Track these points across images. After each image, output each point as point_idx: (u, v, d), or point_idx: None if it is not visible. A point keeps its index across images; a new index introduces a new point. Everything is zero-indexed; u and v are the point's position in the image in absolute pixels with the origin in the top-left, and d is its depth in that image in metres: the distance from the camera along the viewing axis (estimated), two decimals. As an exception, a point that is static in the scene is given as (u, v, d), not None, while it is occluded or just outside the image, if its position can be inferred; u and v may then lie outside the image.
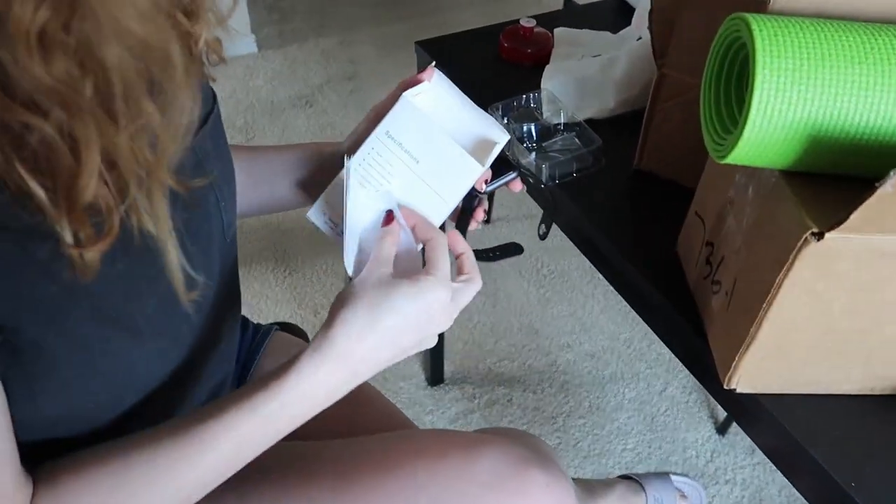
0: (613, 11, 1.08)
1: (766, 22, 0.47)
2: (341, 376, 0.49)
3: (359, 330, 0.48)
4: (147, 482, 0.46)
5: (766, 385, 0.57)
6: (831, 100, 0.45)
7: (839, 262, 0.47)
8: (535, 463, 0.63)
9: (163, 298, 0.47)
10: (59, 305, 0.41)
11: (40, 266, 0.40)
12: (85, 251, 0.39)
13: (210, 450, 0.47)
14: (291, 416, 0.49)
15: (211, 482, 0.48)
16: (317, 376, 0.48)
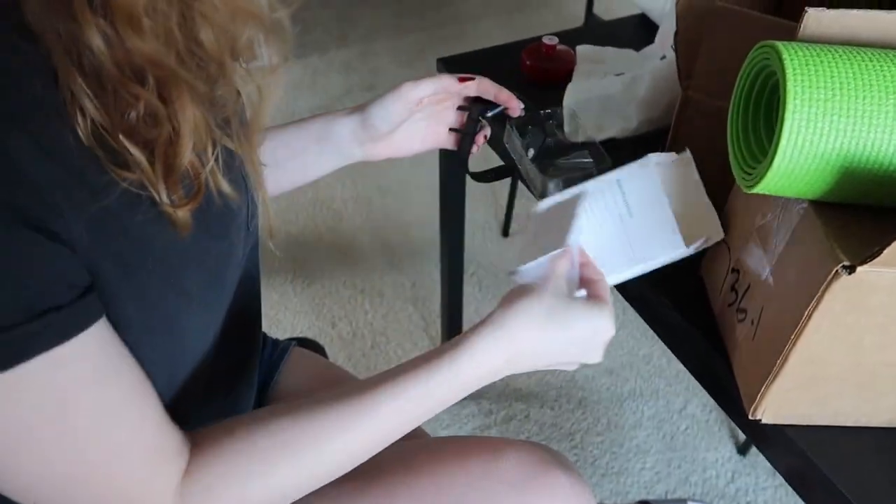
0: (636, 28, 1.07)
1: (797, 50, 0.46)
2: (503, 360, 0.50)
3: (534, 325, 0.50)
4: (316, 440, 0.46)
5: (791, 416, 0.56)
6: (864, 131, 0.44)
7: (871, 296, 0.46)
8: (558, 465, 0.63)
9: (212, 269, 0.50)
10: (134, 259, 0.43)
11: (135, 224, 0.42)
12: (178, 210, 0.42)
13: (380, 415, 0.48)
14: (457, 388, 0.50)
15: (373, 448, 0.49)
16: (488, 352, 0.50)
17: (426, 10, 2.71)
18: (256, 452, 0.46)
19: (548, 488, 0.61)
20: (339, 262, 1.66)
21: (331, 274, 1.64)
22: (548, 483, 0.61)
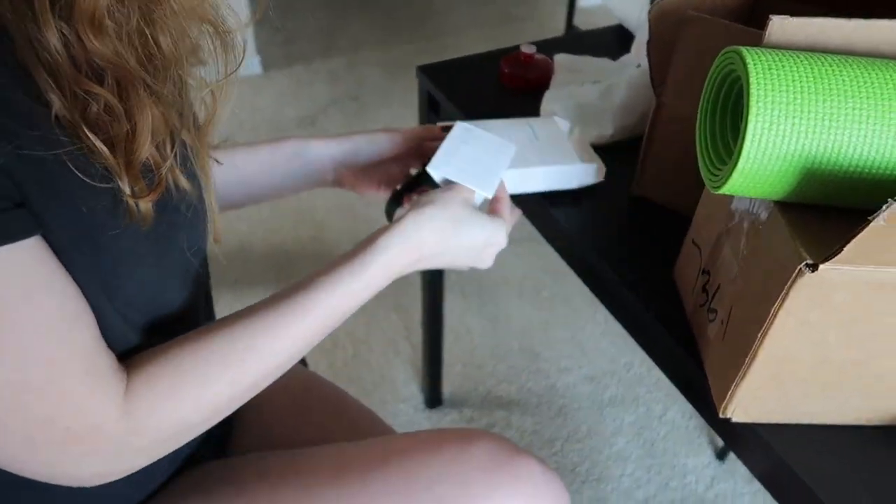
0: (614, 38, 1.09)
1: (761, 55, 0.47)
2: (409, 260, 0.58)
3: (437, 230, 0.59)
4: (244, 349, 0.50)
5: (761, 415, 0.57)
6: (825, 133, 0.46)
7: (834, 294, 0.47)
8: (528, 453, 0.65)
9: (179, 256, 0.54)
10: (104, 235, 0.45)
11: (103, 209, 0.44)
12: (140, 201, 0.45)
13: (300, 321, 0.53)
14: (371, 287, 0.57)
15: (300, 351, 0.54)
16: (395, 255, 0.57)
17: (411, 22, 2.73)
18: (197, 364, 0.49)
19: (518, 472, 0.62)
20: (321, 270, 1.66)
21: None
22: (519, 467, 0.62)
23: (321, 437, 0.73)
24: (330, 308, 0.54)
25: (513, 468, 0.62)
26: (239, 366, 0.50)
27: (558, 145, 0.80)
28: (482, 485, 0.61)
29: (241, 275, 1.66)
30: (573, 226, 0.77)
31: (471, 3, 2.86)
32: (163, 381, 0.47)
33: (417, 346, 1.50)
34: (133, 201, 0.45)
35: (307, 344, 0.54)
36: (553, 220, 0.78)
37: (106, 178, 0.43)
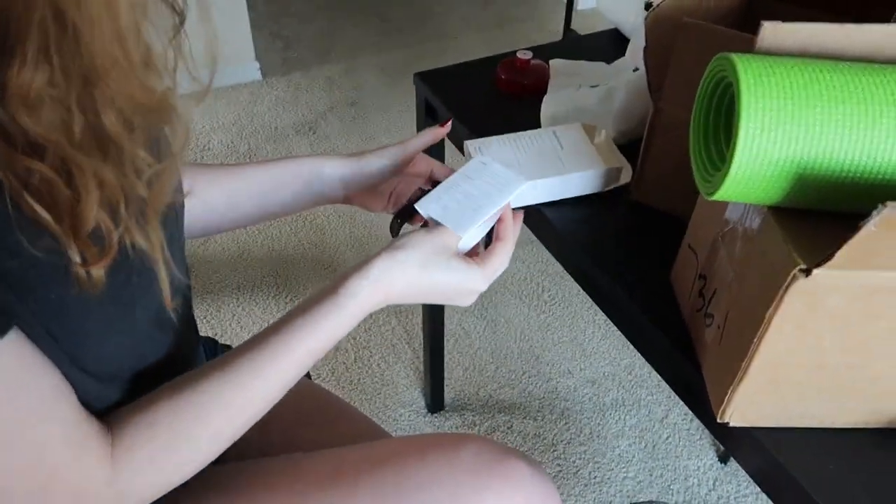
0: (609, 42, 1.09)
1: (751, 62, 0.48)
2: (376, 301, 0.58)
3: (406, 275, 0.59)
4: (221, 406, 0.52)
5: (759, 419, 0.57)
6: (816, 138, 0.46)
7: (828, 298, 0.48)
8: (517, 454, 0.65)
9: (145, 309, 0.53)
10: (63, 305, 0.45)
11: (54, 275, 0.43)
12: (91, 268, 0.44)
13: (274, 372, 0.53)
14: (342, 328, 0.57)
15: (277, 397, 0.55)
16: (364, 298, 0.57)
17: (409, 27, 2.74)
18: (173, 428, 0.50)
19: (507, 474, 0.62)
20: (322, 276, 1.67)
21: (314, 289, 1.64)
22: (507, 469, 0.63)
23: (317, 445, 0.73)
24: (300, 355, 0.54)
25: (501, 471, 0.62)
26: (216, 423, 0.51)
27: (583, 152, 0.81)
28: (471, 488, 0.61)
29: (242, 280, 1.67)
30: (571, 230, 0.77)
31: (468, 6, 2.87)
32: (142, 450, 0.49)
33: (418, 350, 1.50)
34: (83, 270, 0.44)
35: (283, 389, 0.55)
36: (550, 224, 0.79)
37: (53, 248, 0.42)
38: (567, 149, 0.81)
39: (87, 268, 0.44)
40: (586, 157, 0.80)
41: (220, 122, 2.16)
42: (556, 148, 0.81)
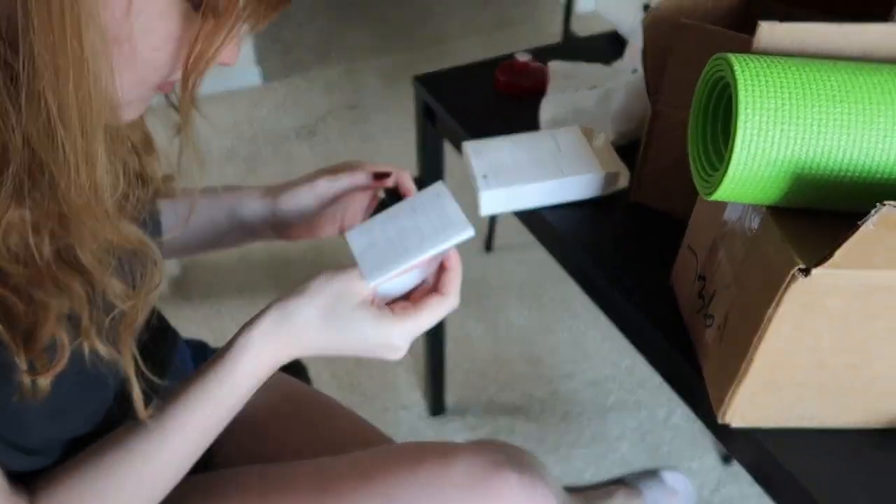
0: (606, 44, 1.09)
1: (749, 62, 0.48)
2: (282, 355, 0.54)
3: (308, 325, 0.53)
4: (126, 473, 0.51)
5: (760, 419, 0.57)
6: (814, 138, 0.46)
7: (827, 298, 0.48)
8: (508, 466, 0.64)
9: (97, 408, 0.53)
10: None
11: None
12: (38, 377, 0.43)
13: (176, 436, 0.52)
14: (242, 388, 0.53)
15: (186, 462, 0.54)
16: (257, 354, 0.53)
17: (409, 30, 2.74)
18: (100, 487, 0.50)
19: (498, 489, 0.62)
20: (323, 279, 1.66)
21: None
22: (496, 485, 0.62)
23: (308, 448, 0.73)
24: (200, 423, 0.52)
25: (491, 486, 0.62)
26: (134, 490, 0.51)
27: (581, 155, 0.80)
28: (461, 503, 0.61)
29: (242, 283, 1.67)
30: (570, 232, 0.77)
31: (467, 9, 2.87)
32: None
33: (419, 353, 1.50)
34: (28, 378, 0.43)
35: (190, 458, 0.54)
36: (550, 226, 0.79)
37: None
38: (565, 152, 0.81)
39: (34, 376, 0.43)
40: (584, 161, 0.80)
41: (221, 126, 2.16)
42: (554, 151, 0.81)
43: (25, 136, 0.37)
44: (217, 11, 0.40)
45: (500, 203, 0.79)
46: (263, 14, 0.42)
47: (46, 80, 0.35)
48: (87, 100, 0.37)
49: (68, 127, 0.37)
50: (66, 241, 0.42)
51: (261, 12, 0.42)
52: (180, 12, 0.40)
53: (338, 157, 2.07)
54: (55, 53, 0.35)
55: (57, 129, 0.37)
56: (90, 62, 0.36)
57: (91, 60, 0.36)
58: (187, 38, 0.41)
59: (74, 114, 0.37)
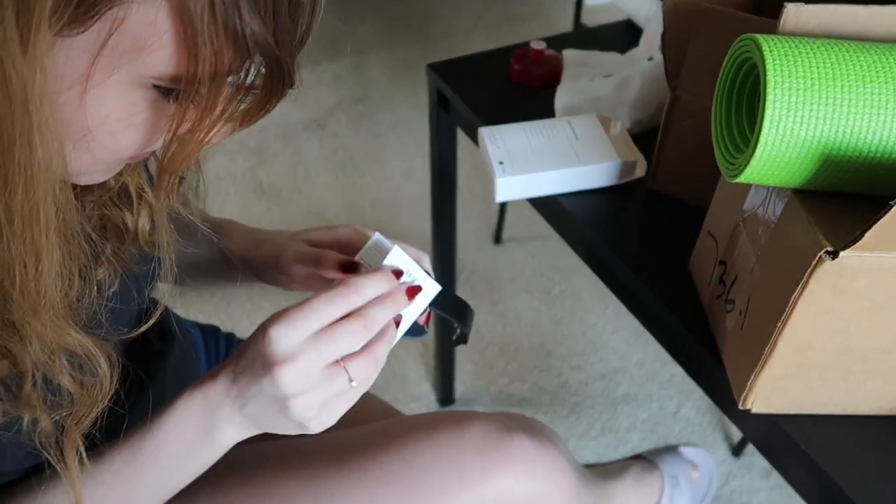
0: (621, 33, 1.09)
1: (777, 42, 0.47)
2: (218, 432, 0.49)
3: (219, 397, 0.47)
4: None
5: (782, 405, 0.57)
6: (843, 118, 0.45)
7: (855, 281, 0.47)
8: (522, 431, 0.65)
9: None
10: None
11: None
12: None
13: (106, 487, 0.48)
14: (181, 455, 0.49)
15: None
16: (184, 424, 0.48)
17: (417, 24, 2.73)
18: None
19: (511, 452, 0.63)
20: (332, 271, 1.66)
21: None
22: (510, 447, 0.63)
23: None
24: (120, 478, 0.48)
25: (506, 448, 0.63)
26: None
27: (598, 143, 0.80)
28: (477, 468, 0.62)
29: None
30: (587, 220, 0.77)
31: (475, 4, 2.86)
32: None
33: (429, 344, 1.49)
34: None
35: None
36: (567, 214, 0.78)
37: None
38: (582, 140, 0.81)
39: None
40: (601, 149, 0.79)
41: (229, 118, 2.16)
42: (571, 138, 0.81)
43: None
44: (196, 100, 0.36)
45: (517, 190, 0.78)
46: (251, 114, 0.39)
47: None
48: (37, 205, 0.34)
49: (15, 230, 0.34)
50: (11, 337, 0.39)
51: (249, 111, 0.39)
52: (145, 99, 0.37)
53: (345, 150, 2.06)
54: (5, 162, 0.32)
55: (3, 230, 0.34)
56: (42, 170, 0.33)
57: (43, 169, 0.33)
58: (160, 122, 0.39)
59: (23, 218, 0.34)
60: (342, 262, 0.59)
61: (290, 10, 0.36)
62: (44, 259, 0.36)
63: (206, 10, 0.33)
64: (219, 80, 0.36)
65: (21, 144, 0.32)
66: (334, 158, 2.02)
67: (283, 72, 0.37)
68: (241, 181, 1.94)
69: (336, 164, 2.00)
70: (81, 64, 0.33)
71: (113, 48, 0.33)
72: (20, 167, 0.33)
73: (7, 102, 0.31)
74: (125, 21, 0.32)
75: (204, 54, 0.34)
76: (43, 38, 0.30)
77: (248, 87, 0.38)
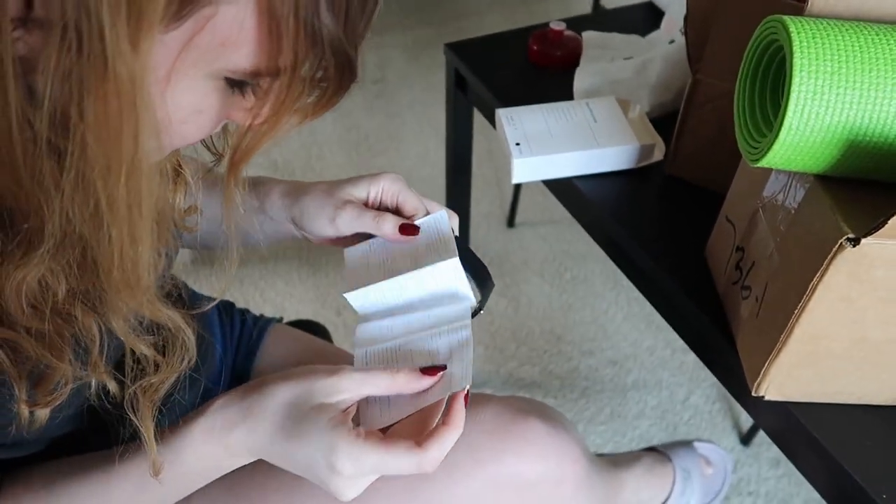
0: (642, 15, 1.07)
1: (804, 24, 0.46)
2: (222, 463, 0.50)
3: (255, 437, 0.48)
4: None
5: (795, 393, 0.57)
6: (870, 104, 0.45)
7: (874, 269, 0.47)
8: (535, 414, 0.66)
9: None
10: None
11: None
12: (36, 408, 0.42)
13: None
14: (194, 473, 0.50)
15: None
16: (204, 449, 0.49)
17: (433, 5, 2.71)
18: None
19: (524, 434, 0.64)
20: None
21: (336, 263, 1.64)
22: (523, 430, 0.64)
23: None
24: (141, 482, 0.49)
25: (519, 431, 0.64)
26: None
27: (616, 126, 0.79)
28: (489, 449, 0.63)
29: (266, 252, 1.68)
30: (604, 203, 0.76)
31: (494, -15, 2.83)
32: None
33: (440, 327, 1.50)
34: (27, 408, 0.42)
35: None
36: (584, 197, 0.78)
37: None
38: (601, 122, 0.80)
39: (32, 408, 0.42)
40: (620, 132, 0.79)
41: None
42: (589, 121, 0.80)
43: (69, 216, 0.35)
44: (269, 94, 0.38)
45: (533, 171, 0.78)
46: (319, 106, 0.40)
47: (97, 172, 0.34)
48: (139, 192, 0.36)
49: (116, 216, 0.36)
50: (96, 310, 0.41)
51: (317, 103, 0.40)
52: (216, 90, 0.38)
53: (360, 130, 2.06)
54: (108, 149, 0.33)
55: (104, 216, 0.35)
56: (144, 160, 0.35)
57: (145, 158, 0.35)
58: (224, 113, 0.40)
59: (124, 205, 0.36)
60: (401, 225, 0.58)
61: (358, 8, 0.37)
62: (142, 244, 0.38)
63: (290, 11, 0.34)
64: (294, 76, 0.37)
65: (127, 137, 0.33)
66: (348, 138, 2.02)
67: (351, 66, 0.38)
68: (254, 160, 1.90)
69: (350, 144, 2.00)
70: (169, 58, 0.34)
71: (198, 44, 0.34)
72: (125, 157, 0.34)
73: (116, 99, 0.32)
74: (214, 18, 0.33)
75: (284, 52, 0.35)
76: (152, 37, 0.31)
77: (318, 80, 0.39)
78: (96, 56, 0.30)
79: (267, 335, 0.78)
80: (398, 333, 0.54)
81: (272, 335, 0.79)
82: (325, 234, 0.60)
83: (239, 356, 0.77)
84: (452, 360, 0.50)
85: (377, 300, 0.56)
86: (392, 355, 0.52)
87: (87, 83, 0.31)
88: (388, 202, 0.61)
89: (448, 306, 0.55)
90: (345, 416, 0.46)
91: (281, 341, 0.79)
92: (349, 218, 0.58)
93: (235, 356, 0.77)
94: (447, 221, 0.58)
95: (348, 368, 0.48)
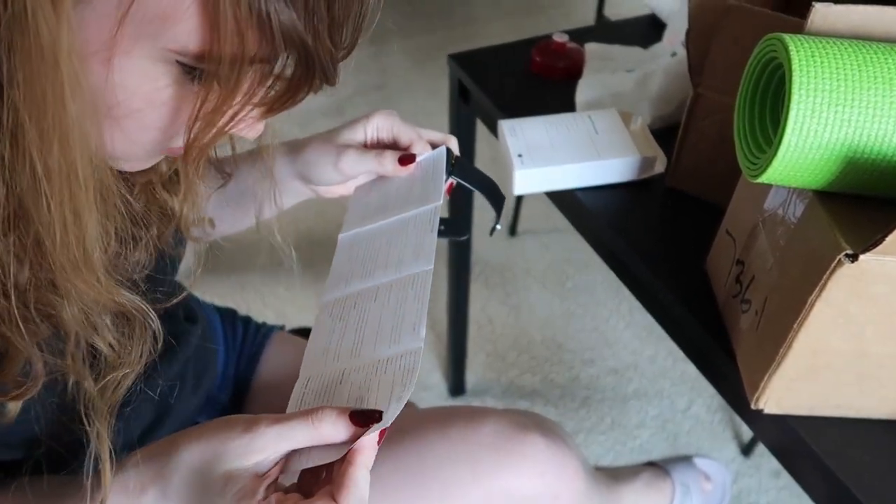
0: (644, 28, 1.08)
1: (803, 42, 0.47)
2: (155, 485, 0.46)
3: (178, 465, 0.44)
4: None
5: (794, 406, 0.57)
6: (868, 121, 0.45)
7: (873, 285, 0.47)
8: (535, 429, 0.66)
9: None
10: None
11: None
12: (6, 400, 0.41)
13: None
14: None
15: None
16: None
17: (436, 12, 2.72)
18: None
19: (524, 450, 0.63)
20: (346, 258, 1.67)
21: (338, 270, 1.65)
22: (522, 445, 0.64)
23: None
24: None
25: (518, 447, 0.64)
26: None
27: (618, 138, 0.80)
28: (489, 464, 0.62)
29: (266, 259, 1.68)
30: (605, 215, 0.77)
31: (497, -7, 2.85)
32: None
33: (442, 335, 1.50)
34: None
35: None
36: (585, 208, 0.78)
37: None
38: (602, 134, 0.80)
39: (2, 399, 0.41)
40: (621, 144, 0.79)
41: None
42: (590, 132, 0.81)
43: (11, 187, 0.35)
44: (219, 82, 0.36)
45: (535, 183, 0.78)
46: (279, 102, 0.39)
47: (30, 140, 0.33)
48: (74, 162, 0.35)
49: (54, 186, 0.35)
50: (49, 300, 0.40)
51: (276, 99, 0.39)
52: (168, 75, 0.37)
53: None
54: (39, 117, 0.33)
55: (42, 186, 0.35)
56: (75, 127, 0.34)
57: (76, 126, 0.34)
58: (184, 105, 0.39)
59: (61, 174, 0.35)
60: (399, 157, 0.61)
61: (330, 6, 0.36)
62: (84, 218, 0.37)
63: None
64: (243, 64, 0.36)
65: (54, 99, 0.33)
66: (352, 145, 2.02)
67: (315, 66, 0.37)
68: (258, 166, 1.95)
69: (353, 152, 2.00)
70: (105, 28, 0.34)
71: (135, 15, 0.34)
72: (54, 122, 0.34)
73: (40, 56, 0.32)
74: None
75: (226, 33, 0.34)
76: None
77: (276, 75, 0.38)
78: (19, 11, 0.31)
79: (269, 343, 0.79)
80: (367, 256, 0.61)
81: (274, 343, 0.79)
82: (332, 181, 0.63)
83: (241, 363, 0.77)
84: (391, 399, 0.46)
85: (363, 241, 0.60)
86: (331, 390, 0.49)
87: (14, 42, 0.31)
88: (385, 137, 0.63)
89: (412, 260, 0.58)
90: (256, 484, 0.41)
91: (283, 349, 0.79)
92: (352, 160, 0.61)
93: (238, 363, 0.77)
94: (444, 160, 0.60)
95: (265, 421, 0.43)
